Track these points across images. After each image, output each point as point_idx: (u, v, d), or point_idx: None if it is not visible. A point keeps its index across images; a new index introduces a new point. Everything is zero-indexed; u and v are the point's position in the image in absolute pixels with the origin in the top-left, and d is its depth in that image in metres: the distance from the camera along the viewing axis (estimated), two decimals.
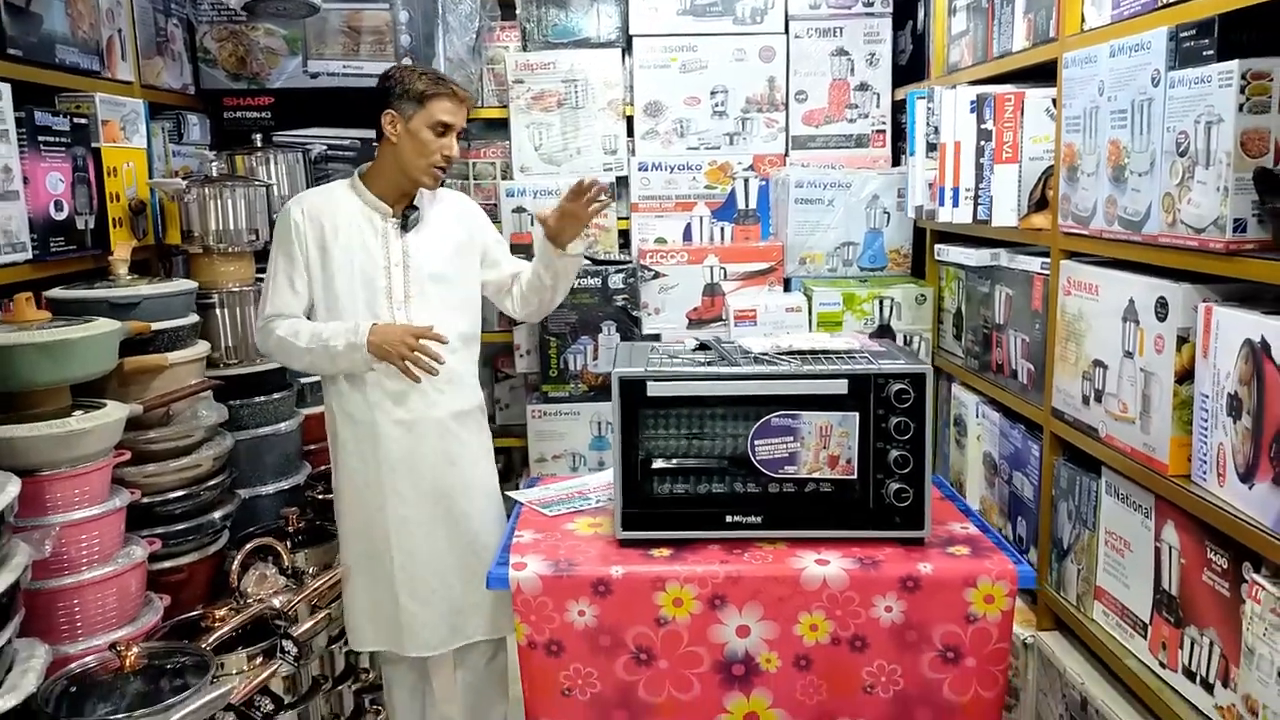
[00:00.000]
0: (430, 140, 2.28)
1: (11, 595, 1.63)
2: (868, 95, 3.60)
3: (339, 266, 2.30)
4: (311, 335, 2.27)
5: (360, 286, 2.30)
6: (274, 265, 2.34)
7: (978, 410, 2.80)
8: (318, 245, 2.30)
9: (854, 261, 3.41)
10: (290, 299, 2.32)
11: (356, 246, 2.31)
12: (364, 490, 2.35)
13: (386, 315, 2.29)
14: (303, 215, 2.31)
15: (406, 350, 2.23)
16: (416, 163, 2.29)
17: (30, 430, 1.83)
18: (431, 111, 2.27)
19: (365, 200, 2.34)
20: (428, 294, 2.34)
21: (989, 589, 1.84)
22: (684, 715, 1.91)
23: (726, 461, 1.95)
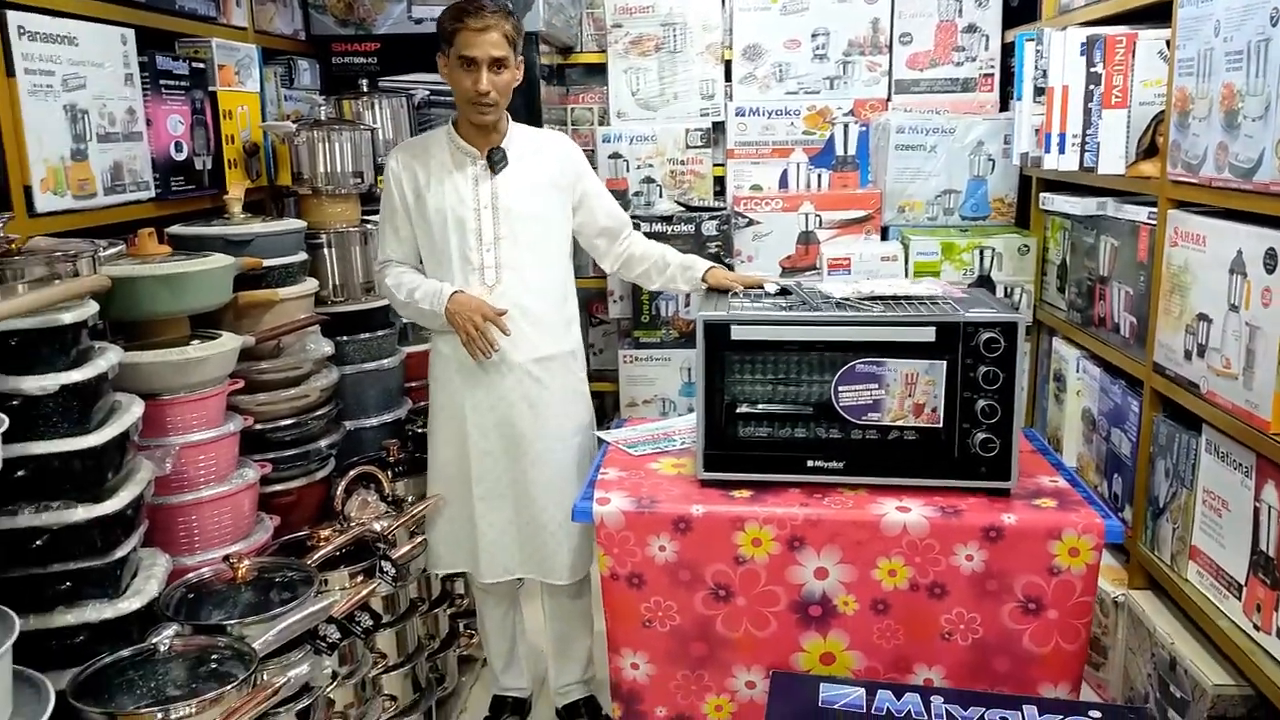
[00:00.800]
0: (462, 77, 2.26)
1: (136, 507, 1.76)
2: (976, 37, 3.48)
3: (434, 211, 2.35)
4: (408, 291, 2.36)
5: (452, 230, 2.34)
6: (382, 213, 2.45)
7: (1078, 365, 2.74)
8: (413, 192, 2.36)
9: (955, 210, 3.33)
10: (396, 245, 2.42)
11: (448, 190, 2.34)
12: (451, 423, 2.42)
13: (476, 258, 2.34)
14: (398, 165, 2.38)
15: (471, 328, 2.27)
16: (460, 104, 2.31)
17: (153, 356, 1.96)
18: (457, 47, 2.25)
19: (456, 145, 2.37)
20: (517, 234, 2.36)
21: (1074, 542, 1.82)
22: (761, 651, 1.95)
23: (809, 407, 1.97)
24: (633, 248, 2.55)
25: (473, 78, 2.24)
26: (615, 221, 2.55)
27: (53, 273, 1.65)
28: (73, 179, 2.08)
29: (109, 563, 1.68)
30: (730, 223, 3.38)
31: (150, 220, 2.31)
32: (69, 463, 1.63)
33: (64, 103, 2.06)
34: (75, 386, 1.62)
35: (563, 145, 2.50)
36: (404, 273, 2.41)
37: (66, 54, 2.07)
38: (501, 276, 2.36)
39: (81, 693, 1.57)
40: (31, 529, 1.60)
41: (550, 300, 2.42)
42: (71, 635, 1.66)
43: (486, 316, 2.28)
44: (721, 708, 2.01)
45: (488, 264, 2.35)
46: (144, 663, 1.66)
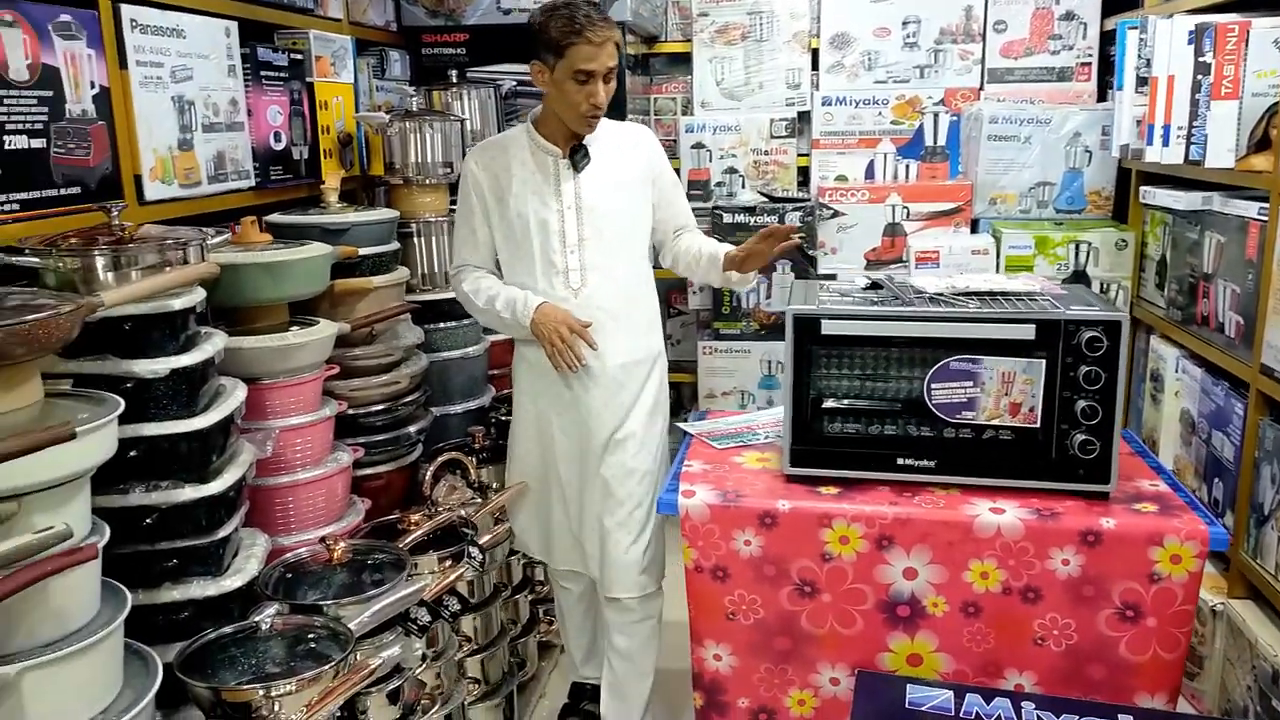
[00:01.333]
0: (574, 90, 2.15)
1: (239, 488, 1.82)
2: (1073, 25, 3.38)
3: (515, 214, 2.28)
4: (487, 298, 2.30)
5: (535, 232, 2.26)
6: (459, 215, 2.38)
7: (1177, 365, 2.65)
8: (494, 195, 2.30)
9: (1049, 203, 3.25)
10: (473, 249, 2.36)
11: (530, 192, 2.27)
12: (533, 428, 2.39)
13: (560, 260, 2.27)
14: (478, 167, 2.31)
15: (558, 340, 2.21)
16: (568, 114, 2.20)
17: (255, 342, 2.02)
18: (571, 60, 2.12)
19: (537, 144, 2.29)
20: (602, 234, 2.28)
21: (1176, 549, 1.76)
22: (846, 649, 1.94)
23: (900, 404, 1.94)
24: (681, 242, 2.46)
25: (587, 91, 2.15)
26: (687, 219, 2.49)
27: (164, 260, 1.70)
28: (179, 168, 2.14)
29: (213, 541, 1.74)
30: (814, 214, 3.34)
31: (250, 209, 2.38)
32: (177, 444, 1.69)
33: (172, 94, 2.13)
34: (184, 370, 1.68)
35: (645, 138, 2.42)
36: (481, 278, 2.35)
37: (175, 46, 2.13)
38: (586, 279, 2.28)
39: (186, 667, 1.62)
40: (142, 507, 1.66)
41: (635, 301, 2.36)
42: (177, 611, 1.72)
43: (573, 329, 2.22)
44: (804, 702, 2.00)
45: (572, 266, 2.28)
46: (246, 640, 1.71)
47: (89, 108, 1.90)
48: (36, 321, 1.36)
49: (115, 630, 1.46)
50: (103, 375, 1.63)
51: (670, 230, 2.46)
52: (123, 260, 1.67)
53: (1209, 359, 2.45)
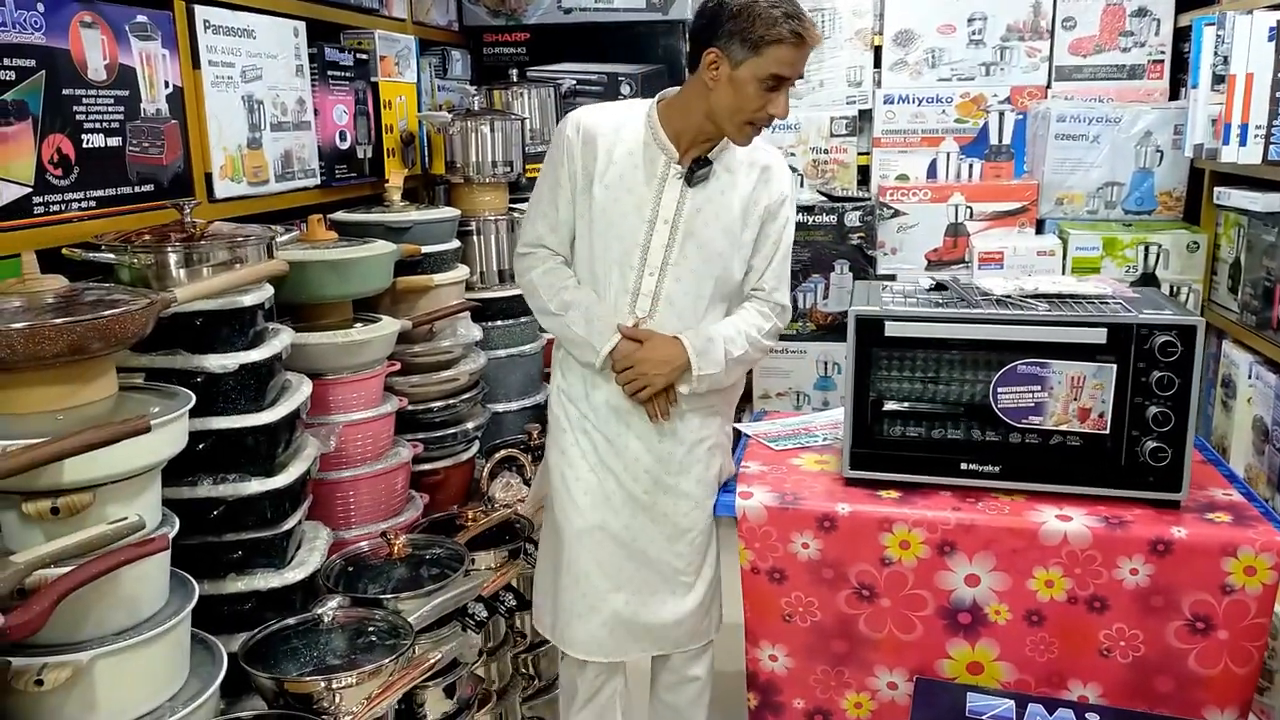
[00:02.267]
0: (755, 95, 1.81)
1: (303, 482, 1.85)
2: (1146, 21, 3.30)
3: (601, 206, 1.93)
4: (562, 302, 1.97)
5: (615, 237, 1.93)
6: (541, 182, 2.00)
7: (1251, 370, 2.57)
8: (586, 173, 1.93)
9: (1118, 203, 3.18)
10: (554, 227, 1.99)
11: (626, 189, 1.92)
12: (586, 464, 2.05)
13: (633, 280, 1.94)
14: (577, 134, 1.94)
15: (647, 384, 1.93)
16: (732, 118, 1.84)
17: (320, 338, 2.05)
18: (769, 60, 1.78)
19: (654, 135, 1.92)
20: (693, 268, 1.94)
21: (1251, 560, 1.71)
22: (905, 654, 1.91)
23: (963, 408, 1.90)
24: None
25: (772, 99, 1.82)
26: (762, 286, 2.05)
27: (235, 257, 1.74)
28: (248, 166, 2.18)
29: (277, 534, 1.77)
30: (874, 214, 3.31)
31: (315, 207, 2.42)
32: (245, 438, 1.72)
33: (242, 93, 2.17)
34: (253, 365, 1.71)
35: (780, 168, 2.01)
36: (557, 270, 2.00)
37: (245, 46, 2.17)
38: (656, 310, 1.95)
39: (250, 657, 1.65)
40: (210, 499, 1.70)
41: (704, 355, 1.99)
42: (241, 602, 1.75)
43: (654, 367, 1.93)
44: (861, 705, 1.98)
45: (644, 290, 1.94)
46: (307, 631, 1.74)
47: (163, 107, 1.95)
48: (112, 317, 1.39)
49: (183, 620, 1.49)
50: (174, 369, 1.67)
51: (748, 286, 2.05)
52: (194, 257, 1.70)
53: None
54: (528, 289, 2.05)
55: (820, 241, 3.37)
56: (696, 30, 1.86)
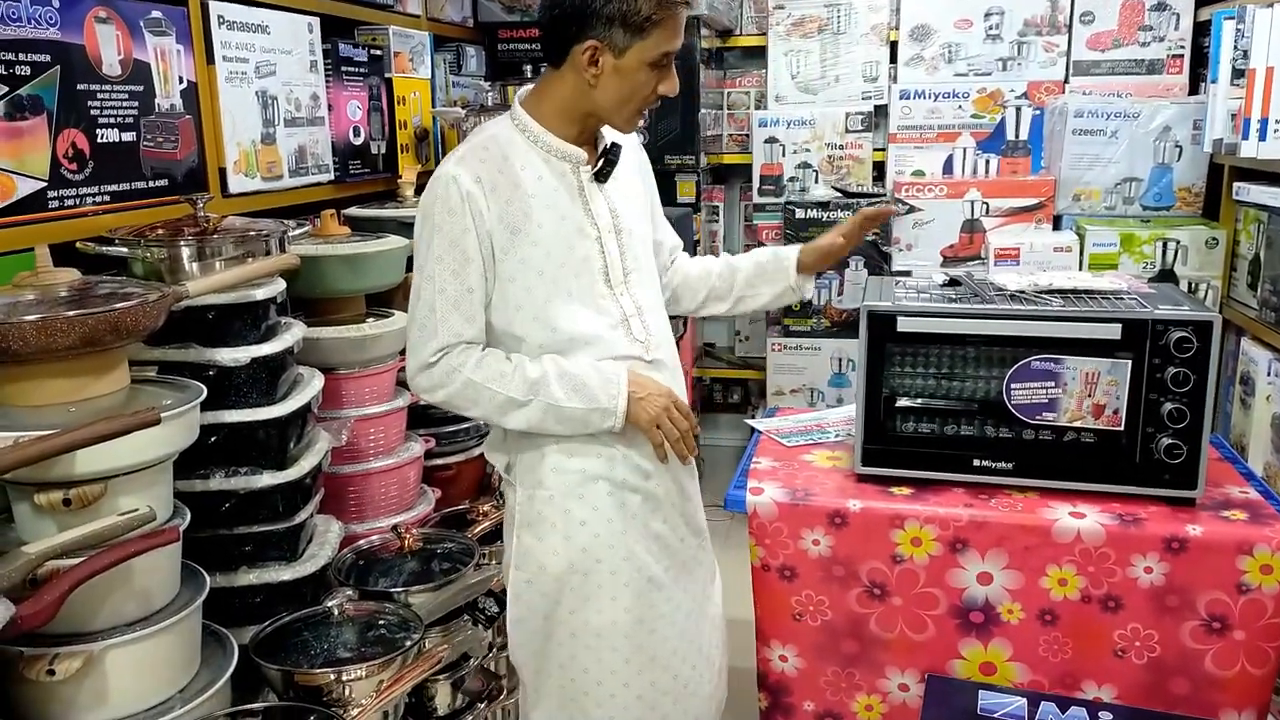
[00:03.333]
0: (646, 81, 1.60)
1: (315, 476, 1.86)
2: (1165, 16, 3.27)
3: (545, 251, 1.61)
4: (529, 383, 1.59)
5: (573, 273, 1.63)
6: (437, 268, 1.58)
7: (1270, 368, 2.54)
8: (506, 226, 1.59)
9: (1136, 199, 3.15)
10: (471, 317, 1.60)
11: (558, 217, 1.63)
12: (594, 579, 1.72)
13: (613, 306, 1.68)
14: (478, 186, 1.57)
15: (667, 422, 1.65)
16: (622, 110, 1.63)
17: (332, 332, 2.06)
18: (657, 40, 1.57)
19: (547, 146, 1.64)
20: (642, 267, 1.73)
21: (1267, 558, 1.69)
22: (917, 654, 1.90)
23: (976, 404, 1.89)
24: (685, 269, 1.94)
25: (662, 78, 1.62)
26: (671, 238, 1.93)
27: (247, 251, 1.74)
28: (262, 161, 2.19)
29: (289, 527, 1.78)
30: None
31: (329, 202, 2.43)
32: (256, 431, 1.73)
33: (256, 89, 2.18)
34: (265, 359, 1.72)
35: (635, 139, 1.86)
36: (492, 355, 1.62)
37: (259, 42, 2.18)
38: (649, 325, 1.72)
39: (261, 650, 1.67)
40: (222, 492, 1.71)
41: (675, 349, 1.83)
42: (253, 595, 1.76)
43: (682, 410, 1.68)
44: (872, 708, 1.97)
45: (629, 310, 1.68)
46: (318, 624, 1.75)
47: (177, 102, 1.96)
48: (124, 309, 1.40)
49: (194, 611, 1.50)
50: (186, 363, 1.68)
51: (667, 253, 1.92)
52: (207, 251, 1.71)
53: None
54: (462, 396, 1.62)
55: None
56: (559, 23, 1.58)
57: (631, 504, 1.71)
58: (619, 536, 1.69)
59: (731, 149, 3.92)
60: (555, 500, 1.67)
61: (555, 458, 1.67)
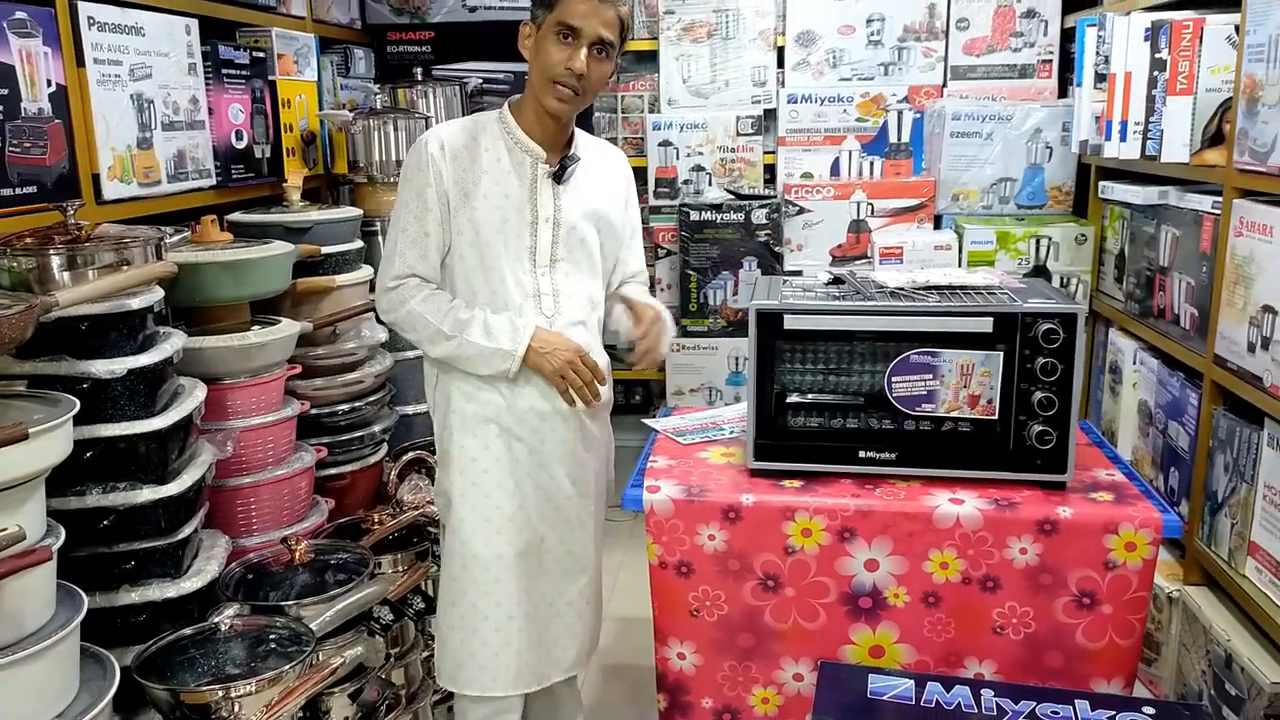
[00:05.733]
0: (554, 49, 1.80)
1: (198, 489, 1.81)
2: (1034, 22, 3.42)
3: (484, 218, 1.89)
4: (456, 321, 1.89)
5: (504, 242, 1.91)
6: (403, 211, 1.91)
7: (1135, 357, 2.69)
8: (460, 190, 1.89)
9: (1011, 199, 3.29)
10: (424, 254, 1.91)
11: (503, 194, 1.91)
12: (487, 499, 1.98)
13: (531, 282, 1.94)
14: (442, 151, 1.89)
15: (570, 372, 1.91)
16: (539, 81, 1.85)
17: (215, 341, 2.01)
18: (559, 11, 1.79)
19: (514, 139, 1.93)
20: (576, 260, 1.98)
21: (1131, 536, 1.79)
22: (809, 643, 1.95)
23: (861, 397, 1.95)
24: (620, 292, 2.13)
25: (568, 53, 1.81)
26: (639, 270, 2.16)
27: (122, 259, 1.69)
28: (138, 167, 2.13)
29: (172, 543, 1.73)
30: (780, 211, 3.37)
31: (211, 208, 2.37)
32: (135, 445, 1.68)
33: (131, 92, 2.11)
34: (142, 370, 1.67)
35: (625, 165, 2.10)
36: (438, 294, 1.92)
37: (133, 44, 2.12)
38: (560, 306, 1.96)
39: (145, 669, 1.62)
40: (99, 509, 1.65)
41: (597, 337, 2.08)
42: (135, 614, 1.71)
43: (585, 360, 1.93)
44: (768, 700, 2.01)
45: (544, 290, 1.94)
46: (205, 641, 1.71)
47: (45, 106, 1.88)
48: None
49: (71, 633, 1.45)
50: (58, 376, 1.62)
51: (620, 275, 2.14)
52: (78, 259, 1.65)
53: (1165, 351, 2.49)
54: (407, 320, 1.92)
55: (729, 239, 3.41)
56: None
57: (518, 451, 1.95)
58: (506, 475, 1.94)
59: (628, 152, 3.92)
60: (454, 437, 1.95)
61: (457, 400, 1.95)
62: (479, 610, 1.93)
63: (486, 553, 1.93)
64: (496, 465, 1.94)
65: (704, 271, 3.45)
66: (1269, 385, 1.93)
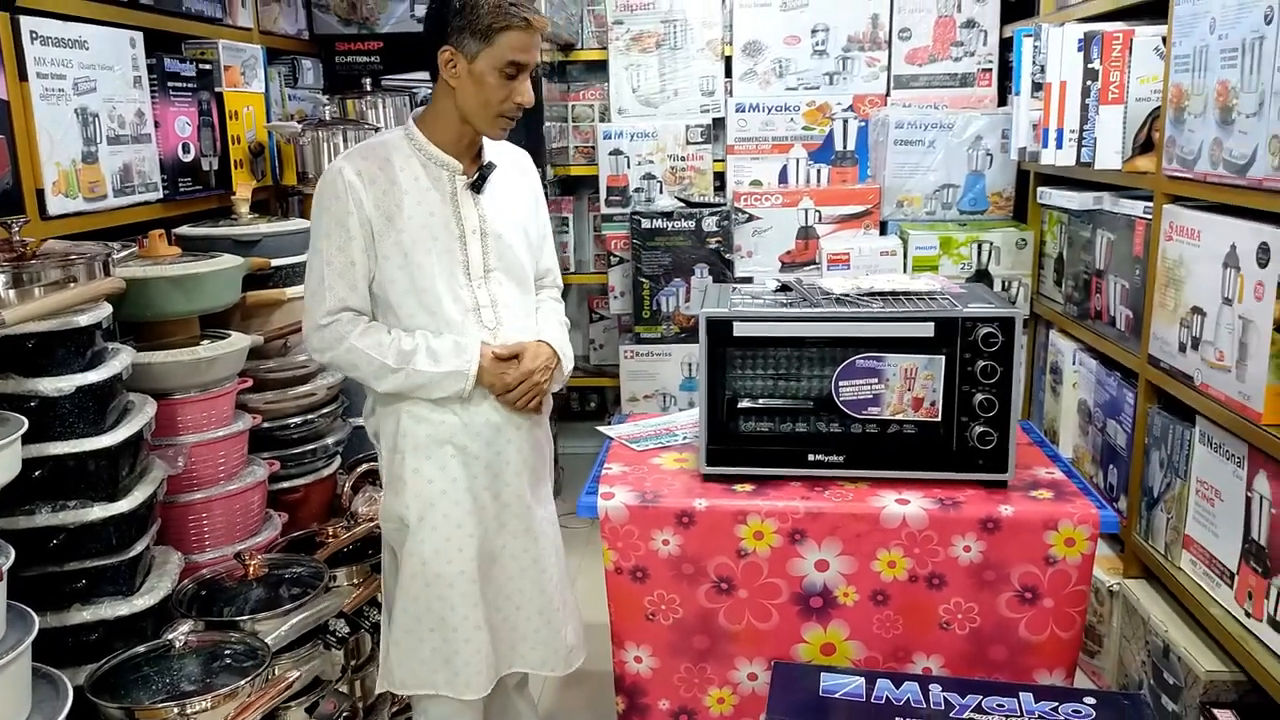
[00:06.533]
0: (498, 86, 1.81)
1: (150, 506, 1.80)
2: (974, 32, 3.51)
3: (412, 239, 1.85)
4: (400, 352, 1.85)
5: (435, 259, 1.87)
6: (324, 244, 1.84)
7: (1075, 358, 2.77)
8: (383, 214, 1.84)
9: (953, 205, 3.36)
10: (353, 286, 1.85)
11: (427, 213, 1.87)
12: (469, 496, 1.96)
13: (469, 296, 1.91)
14: (359, 177, 1.83)
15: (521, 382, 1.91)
16: (481, 113, 1.84)
17: (164, 357, 2.00)
18: (501, 49, 1.78)
19: (428, 155, 1.89)
20: (509, 268, 1.96)
21: (1070, 532, 1.85)
22: (763, 643, 1.99)
23: (810, 402, 1.99)
24: None
25: (515, 88, 1.82)
26: (550, 269, 2.14)
27: (68, 276, 1.68)
28: (84, 181, 2.11)
29: (124, 560, 1.72)
30: (730, 218, 3.41)
31: (159, 221, 2.35)
32: (85, 463, 1.66)
33: (75, 106, 2.09)
34: (91, 388, 1.66)
35: (531, 165, 2.10)
36: (376, 327, 1.87)
37: (77, 58, 2.10)
38: (501, 317, 1.94)
39: (98, 688, 1.61)
40: (49, 528, 1.64)
41: None
42: (88, 632, 1.70)
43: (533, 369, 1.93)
44: (724, 700, 2.05)
45: (483, 302, 1.92)
46: (159, 658, 1.70)
47: None
48: None
49: (22, 654, 1.43)
50: (6, 394, 1.61)
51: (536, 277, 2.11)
52: (24, 277, 1.64)
53: (1103, 351, 2.57)
54: (346, 358, 1.86)
55: (680, 246, 3.45)
56: (428, 32, 1.83)
57: (475, 467, 1.93)
58: (464, 493, 1.91)
59: (579, 161, 3.97)
60: (407, 461, 1.90)
61: (407, 423, 1.90)
62: (448, 623, 1.91)
63: (450, 570, 1.91)
64: (454, 485, 1.91)
65: (656, 279, 3.49)
66: (1199, 384, 2.00)
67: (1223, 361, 1.91)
